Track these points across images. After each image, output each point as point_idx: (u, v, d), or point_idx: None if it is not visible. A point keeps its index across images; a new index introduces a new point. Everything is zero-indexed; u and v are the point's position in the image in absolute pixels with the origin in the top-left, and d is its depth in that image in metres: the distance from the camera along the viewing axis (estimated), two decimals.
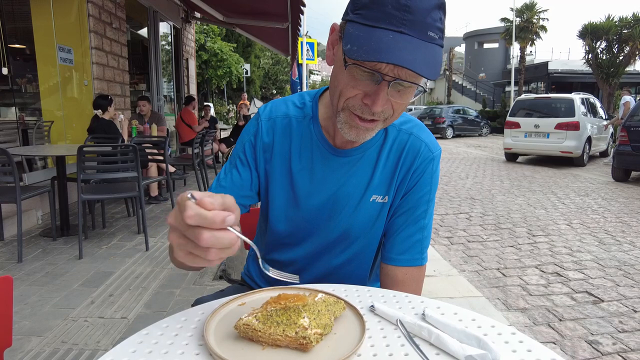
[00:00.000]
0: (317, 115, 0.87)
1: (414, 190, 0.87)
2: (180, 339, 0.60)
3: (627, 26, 17.27)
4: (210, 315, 0.62)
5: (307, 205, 0.87)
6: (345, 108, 0.73)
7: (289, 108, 0.89)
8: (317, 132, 0.86)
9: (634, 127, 6.79)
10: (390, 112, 0.73)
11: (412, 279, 0.88)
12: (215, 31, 17.07)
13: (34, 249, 3.22)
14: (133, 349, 0.57)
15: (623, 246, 3.72)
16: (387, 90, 0.68)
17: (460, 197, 5.85)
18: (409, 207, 0.88)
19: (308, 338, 0.54)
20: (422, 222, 0.88)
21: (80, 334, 2.03)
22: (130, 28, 6.65)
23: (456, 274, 3.05)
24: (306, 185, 0.87)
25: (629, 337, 2.20)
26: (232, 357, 0.52)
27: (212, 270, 2.86)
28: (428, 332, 0.59)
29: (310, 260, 0.92)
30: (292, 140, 0.87)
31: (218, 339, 0.58)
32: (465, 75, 30.95)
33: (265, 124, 0.88)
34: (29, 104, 5.42)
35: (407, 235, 0.88)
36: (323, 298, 0.62)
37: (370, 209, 0.87)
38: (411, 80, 0.67)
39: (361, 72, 0.68)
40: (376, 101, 0.68)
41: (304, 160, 0.86)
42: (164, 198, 4.91)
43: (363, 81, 0.69)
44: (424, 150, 0.87)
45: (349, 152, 0.85)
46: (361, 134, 0.75)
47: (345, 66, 0.69)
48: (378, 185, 0.87)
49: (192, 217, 0.49)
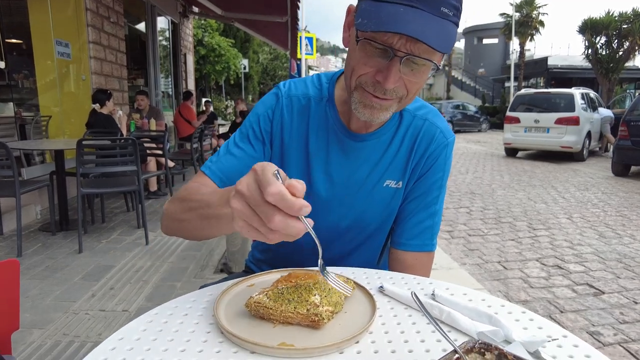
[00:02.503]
0: (334, 98, 0.86)
1: (427, 176, 0.86)
2: (190, 319, 0.59)
3: (626, 21, 17.25)
4: (220, 296, 0.62)
5: (321, 188, 0.86)
6: (358, 86, 0.72)
7: (309, 88, 0.88)
8: (333, 115, 0.85)
9: (634, 121, 6.79)
10: (404, 91, 0.71)
11: (422, 265, 0.87)
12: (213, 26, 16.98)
13: (34, 243, 3.21)
14: (143, 327, 0.57)
15: (623, 239, 3.73)
16: (399, 66, 0.67)
17: (461, 191, 5.85)
18: (421, 192, 0.87)
19: (320, 315, 0.53)
20: (433, 208, 0.88)
21: (81, 327, 2.03)
22: (128, 22, 6.60)
23: (457, 267, 3.05)
24: (322, 167, 0.85)
25: (630, 328, 2.21)
26: (245, 334, 0.52)
27: (213, 264, 2.86)
28: (439, 310, 0.59)
29: (323, 244, 0.91)
30: (309, 122, 0.85)
31: (229, 318, 0.57)
32: (465, 71, 30.90)
33: (285, 100, 0.86)
34: (26, 100, 5.38)
35: (418, 221, 0.87)
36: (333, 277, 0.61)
37: (383, 194, 0.86)
38: (424, 57, 0.66)
39: (373, 48, 0.67)
40: (388, 77, 0.67)
41: (320, 143, 0.85)
42: (163, 193, 4.90)
43: (375, 58, 0.68)
44: (438, 136, 0.86)
45: (364, 136, 0.84)
46: (375, 113, 0.73)
47: (357, 41, 0.68)
48: (392, 171, 0.86)
49: (274, 195, 0.46)
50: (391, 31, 0.62)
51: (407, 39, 0.64)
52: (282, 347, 0.50)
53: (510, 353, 0.44)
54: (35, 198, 3.89)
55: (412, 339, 0.55)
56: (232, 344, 0.53)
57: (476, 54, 31.88)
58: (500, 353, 0.45)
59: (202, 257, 2.99)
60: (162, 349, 0.52)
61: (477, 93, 27.75)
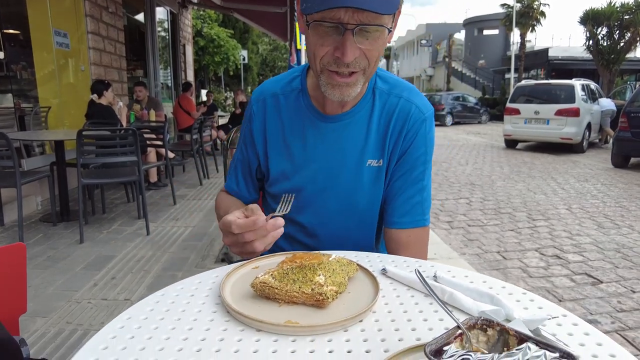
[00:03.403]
0: (306, 87, 0.90)
1: (409, 153, 0.88)
2: (196, 299, 0.60)
3: (628, 12, 17.10)
4: (226, 277, 0.63)
5: (305, 172, 0.90)
6: (323, 69, 0.75)
7: (277, 86, 0.94)
8: (306, 103, 0.89)
9: (634, 113, 6.78)
10: (365, 61, 0.74)
11: (417, 241, 0.89)
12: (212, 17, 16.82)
13: (35, 233, 3.22)
14: (150, 307, 0.58)
15: (622, 230, 3.75)
16: (352, 38, 0.69)
17: (460, 182, 5.86)
18: (406, 169, 0.89)
19: (324, 294, 0.54)
20: (421, 184, 0.89)
21: (84, 315, 2.05)
22: (127, 13, 6.54)
23: (457, 257, 3.08)
24: (300, 153, 0.89)
25: (627, 316, 2.23)
26: (251, 313, 0.53)
27: (214, 254, 2.87)
28: (441, 290, 0.60)
29: (316, 229, 0.94)
30: (282, 115, 0.91)
31: (235, 298, 0.58)
32: (465, 62, 30.71)
33: (255, 106, 0.94)
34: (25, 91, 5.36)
35: (407, 198, 0.89)
36: (337, 258, 0.62)
37: (368, 174, 0.89)
38: (374, 23, 0.69)
39: (325, 28, 0.70)
40: (345, 51, 0.70)
41: (295, 130, 0.90)
42: (164, 184, 4.90)
43: (329, 37, 0.71)
44: (414, 112, 0.88)
45: (338, 117, 0.87)
46: (344, 91, 0.76)
47: (308, 25, 0.72)
48: (371, 149, 0.88)
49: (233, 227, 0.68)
50: (333, 7, 0.65)
51: (353, 10, 0.66)
52: (287, 325, 0.51)
53: (512, 329, 0.45)
54: (35, 189, 3.89)
55: (415, 318, 0.56)
56: (238, 323, 0.54)
57: (476, 45, 31.66)
58: (502, 329, 0.46)
59: (203, 247, 3.01)
60: (170, 327, 0.53)
61: (477, 84, 27.62)
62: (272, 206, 1.00)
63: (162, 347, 0.50)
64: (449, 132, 14.37)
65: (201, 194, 4.68)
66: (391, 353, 0.47)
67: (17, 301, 0.73)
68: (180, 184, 5.11)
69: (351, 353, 0.49)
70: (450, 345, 0.43)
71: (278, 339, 0.51)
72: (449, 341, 0.43)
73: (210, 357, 0.48)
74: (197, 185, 5.06)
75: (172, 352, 0.49)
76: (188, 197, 4.51)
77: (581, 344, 0.50)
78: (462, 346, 0.44)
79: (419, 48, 37.40)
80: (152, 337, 0.52)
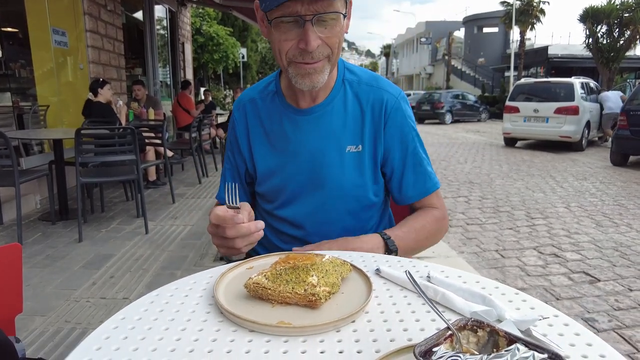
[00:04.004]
0: (280, 89, 0.96)
1: (396, 135, 0.94)
2: (190, 300, 0.61)
3: (628, 10, 17.07)
4: (220, 277, 0.63)
5: (290, 166, 0.94)
6: (290, 62, 0.81)
7: (254, 92, 1.00)
8: (281, 102, 0.95)
9: (633, 111, 6.78)
10: (327, 49, 0.80)
11: (435, 202, 0.99)
12: (211, 15, 16.77)
13: (34, 232, 3.22)
14: (144, 308, 0.58)
15: (620, 228, 3.76)
16: (312, 27, 0.75)
17: (459, 181, 5.87)
18: (400, 150, 0.95)
19: (317, 295, 0.55)
20: (419, 157, 0.96)
21: (83, 314, 2.05)
22: (125, 11, 6.53)
23: (455, 255, 3.08)
24: (283, 147, 0.94)
25: (625, 314, 2.24)
26: (244, 314, 0.53)
27: (213, 252, 2.88)
28: (434, 291, 0.60)
29: (302, 220, 0.97)
30: (261, 116, 0.97)
31: (228, 298, 0.58)
32: (465, 60, 30.69)
33: (237, 113, 1.01)
34: (23, 89, 5.35)
35: (411, 173, 0.95)
36: (330, 259, 0.62)
37: (348, 159, 0.93)
38: (329, 11, 0.74)
39: (285, 23, 0.76)
40: (308, 40, 0.75)
41: (275, 127, 0.95)
42: (162, 183, 4.91)
43: (291, 31, 0.77)
44: (388, 97, 0.94)
45: (312, 109, 0.93)
46: (314, 78, 0.81)
47: (270, 23, 0.77)
48: (349, 136, 0.93)
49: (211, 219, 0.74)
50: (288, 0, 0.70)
51: (307, 2, 0.72)
52: (280, 325, 0.52)
53: (502, 330, 0.45)
54: (34, 188, 3.90)
55: (407, 319, 0.56)
56: (231, 323, 0.54)
57: (476, 43, 31.61)
58: (492, 330, 0.46)
59: (201, 245, 3.01)
60: (163, 327, 0.54)
61: (476, 82, 27.60)
62: (262, 206, 1.02)
63: (155, 348, 0.50)
64: (448, 130, 14.36)
65: (200, 192, 4.68)
66: (382, 353, 0.47)
67: (13, 302, 0.73)
68: (179, 183, 5.11)
69: (343, 353, 0.49)
70: (440, 346, 0.43)
71: (270, 340, 0.51)
72: (438, 342, 0.44)
73: (202, 358, 0.48)
74: (196, 184, 5.07)
75: (164, 353, 0.49)
76: (187, 195, 4.51)
77: (571, 344, 0.51)
78: (452, 347, 0.44)
79: (418, 46, 37.34)
80: (146, 338, 0.52)
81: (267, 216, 1.02)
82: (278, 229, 1.00)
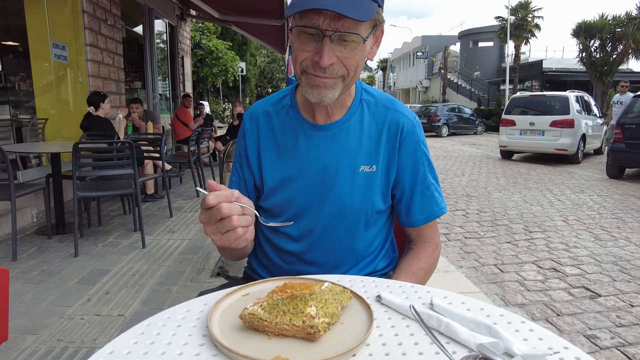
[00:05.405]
0: (296, 103, 0.95)
1: (412, 157, 0.94)
2: (183, 330, 0.58)
3: (620, 25, 17.40)
4: (214, 306, 0.61)
5: (301, 181, 0.92)
6: (304, 71, 0.81)
7: (267, 105, 0.99)
8: (297, 116, 0.94)
9: (628, 124, 6.84)
10: (344, 69, 0.79)
11: (432, 227, 1.00)
12: (210, 29, 16.96)
13: (29, 247, 3.18)
14: (134, 340, 0.55)
15: (619, 242, 3.74)
16: (330, 44, 0.75)
17: (457, 194, 5.86)
18: (411, 173, 0.95)
19: (316, 327, 0.52)
20: (428, 181, 0.97)
21: (76, 332, 2.01)
22: (126, 25, 6.58)
23: (454, 270, 3.05)
24: (295, 162, 0.93)
25: (627, 331, 2.21)
26: (238, 348, 0.51)
27: (210, 267, 2.84)
28: (437, 320, 0.58)
29: (304, 236, 0.95)
30: (274, 129, 0.95)
31: (223, 330, 0.56)
32: (460, 74, 31.00)
33: (248, 124, 0.98)
34: (22, 102, 5.35)
35: (419, 197, 0.96)
36: (329, 287, 0.60)
37: (361, 179, 0.92)
38: (350, 31, 0.74)
39: (306, 34, 0.76)
40: (322, 55, 0.75)
41: (288, 141, 0.94)
42: (160, 196, 4.88)
43: (310, 43, 0.77)
44: (404, 121, 0.94)
45: (328, 126, 0.92)
46: (322, 92, 0.81)
47: (291, 30, 0.78)
48: (364, 156, 0.92)
49: (202, 205, 0.67)
50: (306, 8, 0.71)
51: (330, 17, 0.72)
52: None
53: None
54: (31, 201, 3.86)
55: (410, 351, 0.54)
56: (225, 358, 0.52)
57: (472, 57, 31.99)
58: None
59: (198, 260, 2.97)
60: None
61: (472, 96, 27.84)
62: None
63: None
64: (444, 143, 14.43)
65: (198, 206, 4.65)
66: None
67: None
68: (177, 196, 5.08)
69: None
70: None
71: None
72: None
73: None
74: (194, 197, 5.04)
75: None
76: (185, 209, 4.48)
77: None
78: None
79: (415, 60, 37.75)
80: None
81: (269, 232, 0.99)
82: (280, 246, 0.97)
